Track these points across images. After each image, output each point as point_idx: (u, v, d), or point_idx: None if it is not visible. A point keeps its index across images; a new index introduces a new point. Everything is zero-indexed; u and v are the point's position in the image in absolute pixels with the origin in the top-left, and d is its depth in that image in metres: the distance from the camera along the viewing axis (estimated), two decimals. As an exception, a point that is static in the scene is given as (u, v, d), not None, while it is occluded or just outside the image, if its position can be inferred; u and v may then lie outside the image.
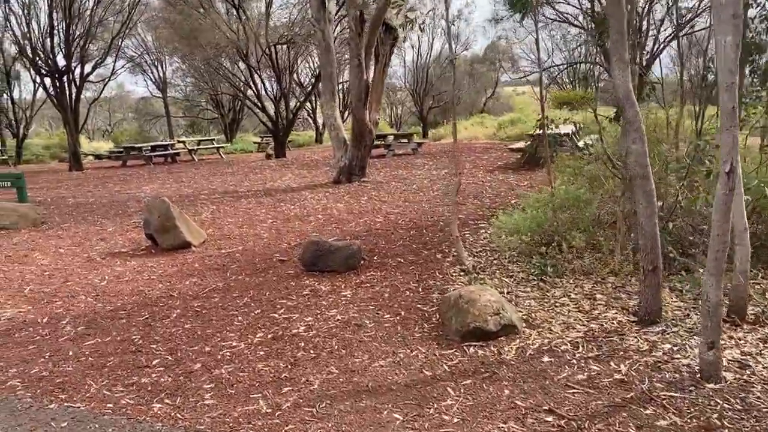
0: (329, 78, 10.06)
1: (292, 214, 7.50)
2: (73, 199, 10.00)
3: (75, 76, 16.33)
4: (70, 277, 5.04)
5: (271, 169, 14.03)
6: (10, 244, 6.41)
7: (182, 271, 5.08)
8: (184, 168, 16.10)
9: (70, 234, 6.88)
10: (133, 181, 12.75)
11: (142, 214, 8.04)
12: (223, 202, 8.87)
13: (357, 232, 6.27)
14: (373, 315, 3.78)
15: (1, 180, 9.11)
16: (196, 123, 33.60)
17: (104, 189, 11.37)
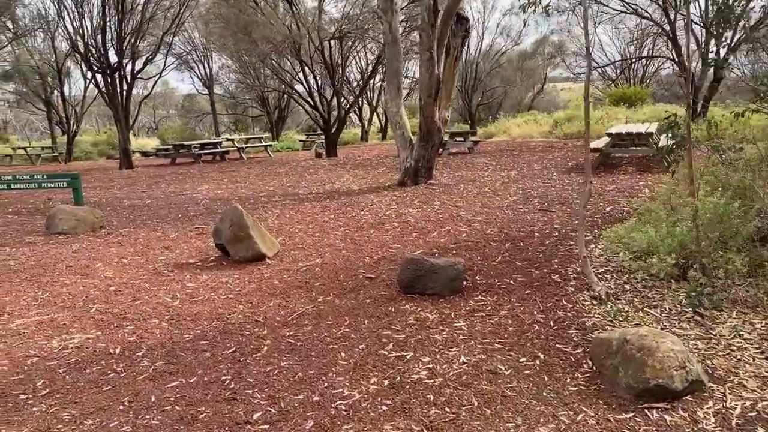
0: (395, 73, 9.43)
1: (364, 221, 6.90)
2: (129, 200, 9.63)
3: (126, 72, 16.13)
4: (139, 294, 4.53)
5: (325, 170, 13.49)
6: (69, 252, 5.99)
7: (262, 290, 4.52)
8: (235, 167, 15.73)
9: (131, 241, 6.43)
10: (186, 180, 12.39)
11: (203, 218, 7.58)
12: (285, 205, 8.34)
13: (443, 244, 5.63)
14: (505, 357, 3.13)
15: (58, 180, 8.77)
16: (240, 121, 33.49)
17: (158, 189, 11.01)
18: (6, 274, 5.20)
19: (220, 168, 15.42)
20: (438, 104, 8.89)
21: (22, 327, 3.92)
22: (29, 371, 3.26)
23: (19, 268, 5.40)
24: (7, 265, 5.48)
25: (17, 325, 3.95)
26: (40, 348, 3.57)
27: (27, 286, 4.85)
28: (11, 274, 5.20)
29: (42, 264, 5.51)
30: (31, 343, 3.64)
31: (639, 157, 11.11)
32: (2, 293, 4.67)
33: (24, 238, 6.71)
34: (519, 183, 9.26)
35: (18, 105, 28.72)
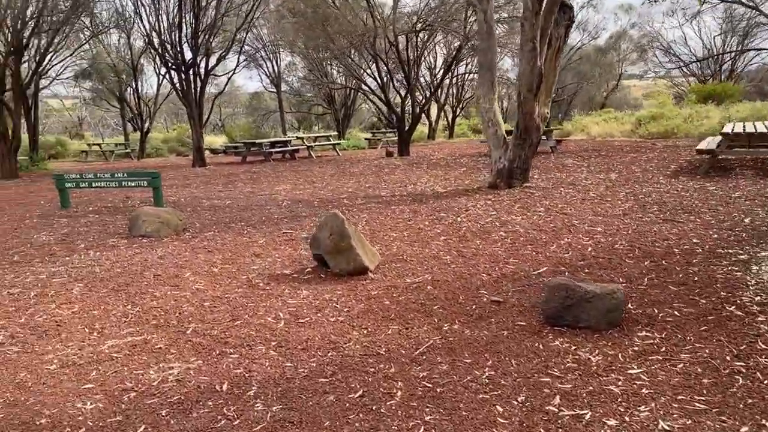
0: (489, 66, 8.71)
1: (465, 229, 6.24)
2: (207, 200, 9.33)
3: (199, 69, 16.06)
4: (237, 312, 4.04)
5: (401, 170, 12.91)
6: (155, 257, 5.61)
7: (374, 311, 3.94)
8: (306, 165, 15.38)
9: (218, 246, 6.01)
10: (261, 180, 12.07)
11: (288, 221, 7.12)
12: (371, 209, 7.79)
13: (567, 260, 4.91)
14: (718, 425, 2.41)
15: (138, 178, 8.54)
16: (304, 119, 33.45)
17: (235, 189, 10.70)
18: (92, 282, 4.84)
19: (292, 167, 15.10)
20: (538, 100, 8.12)
21: (114, 350, 3.48)
22: (127, 411, 2.78)
23: (105, 275, 5.04)
24: (92, 272, 5.14)
25: (109, 348, 3.52)
26: (137, 379, 3.10)
27: (115, 297, 4.45)
28: (97, 282, 4.84)
29: (128, 271, 5.13)
30: (126, 372, 3.18)
31: (753, 159, 10.01)
32: (90, 305, 4.28)
33: (107, 241, 6.42)
34: (625, 187, 8.39)
35: (93, 102, 29.62)
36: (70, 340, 3.65)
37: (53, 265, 5.44)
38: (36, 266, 5.44)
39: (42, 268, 5.36)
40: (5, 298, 4.49)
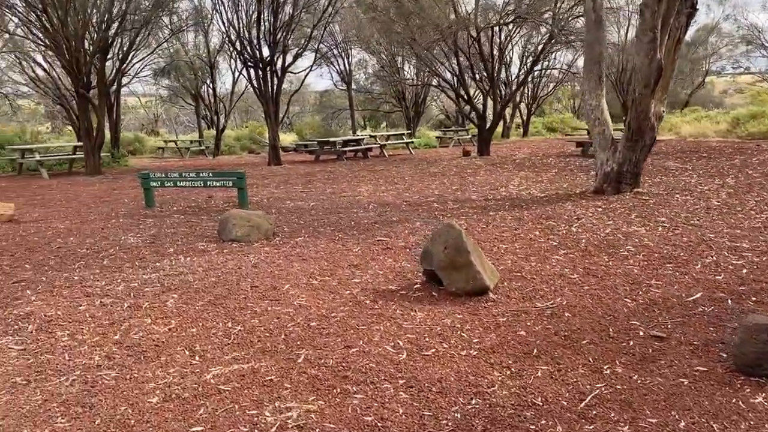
0: (597, 59, 7.94)
1: (584, 241, 5.56)
2: (291, 201, 8.99)
3: (276, 67, 15.89)
4: (349, 337, 3.56)
5: (485, 170, 12.25)
6: (249, 265, 5.24)
7: (509, 344, 3.37)
8: (382, 165, 14.94)
9: (312, 254, 5.58)
10: (340, 180, 11.69)
11: (379, 227, 6.63)
12: (467, 214, 7.20)
13: (722, 283, 4.18)
14: None
15: (224, 178, 8.28)
16: (373, 117, 33.14)
17: (315, 189, 10.35)
18: (187, 294, 4.49)
19: (367, 166, 14.69)
20: (654, 96, 7.30)
21: (220, 381, 3.07)
22: (247, 467, 2.33)
23: (200, 285, 4.69)
24: (185, 281, 4.80)
25: (215, 378, 3.10)
26: (252, 422, 2.65)
27: (213, 313, 4.07)
28: (192, 294, 4.49)
29: (223, 281, 4.77)
30: (238, 413, 2.74)
31: None
32: (188, 321, 3.92)
33: (196, 245, 6.12)
34: (752, 195, 7.46)
35: (169, 100, 30.34)
36: (170, 365, 3.27)
37: (144, 272, 5.15)
38: (126, 272, 5.17)
39: (133, 274, 5.08)
40: (98, 310, 4.19)
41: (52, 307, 4.27)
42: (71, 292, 4.62)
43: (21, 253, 5.96)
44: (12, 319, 4.03)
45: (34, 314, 4.11)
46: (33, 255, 5.88)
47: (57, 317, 4.05)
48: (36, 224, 7.62)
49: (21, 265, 5.51)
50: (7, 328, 3.89)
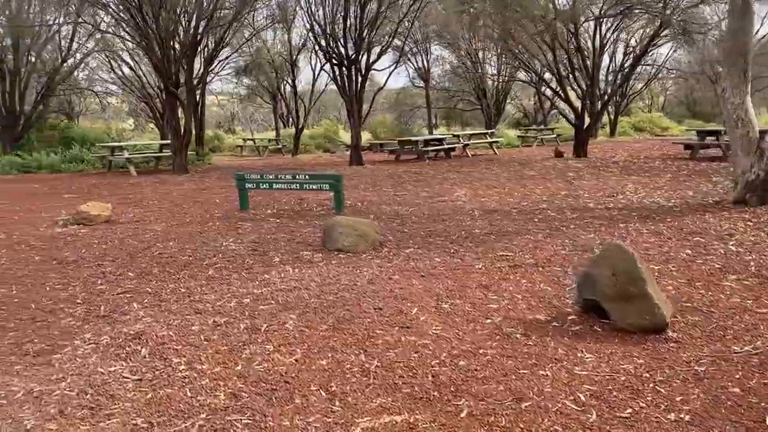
0: (741, 51, 6.97)
1: (753, 263, 4.73)
2: (386, 205, 8.47)
3: (360, 64, 15.47)
4: (509, 382, 2.96)
5: (588, 173, 11.35)
6: (363, 281, 4.72)
7: (725, 405, 2.66)
8: (469, 165, 14.26)
9: (429, 269, 5.01)
10: (429, 182, 11.11)
11: (495, 239, 5.99)
12: (594, 226, 6.44)
13: None
14: None
15: (320, 181, 7.87)
16: (449, 115, 32.36)
17: (408, 192, 9.81)
18: (306, 314, 4.02)
19: (453, 167, 14.03)
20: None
21: (373, 438, 2.53)
22: None
23: (317, 303, 4.20)
24: (300, 298, 4.34)
25: (366, 433, 2.57)
26: (430, 506, 2.10)
27: (340, 340, 3.57)
28: (312, 314, 4.01)
29: (341, 300, 4.27)
30: (409, 490, 2.19)
31: None
32: (315, 350, 3.42)
33: (301, 254, 5.68)
34: None
35: (248, 99, 30.69)
36: (308, 411, 2.76)
37: (253, 284, 4.74)
38: (234, 284, 4.77)
39: (242, 287, 4.67)
40: (213, 331, 3.78)
41: (162, 325, 3.89)
42: (180, 308, 4.24)
43: (122, 259, 5.71)
44: (123, 340, 3.67)
45: (145, 334, 3.73)
46: (134, 261, 5.61)
47: (170, 339, 3.66)
48: (133, 226, 7.44)
49: (124, 272, 5.23)
50: (119, 350, 3.52)
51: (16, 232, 7.22)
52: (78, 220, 7.44)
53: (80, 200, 10.07)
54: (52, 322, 4.05)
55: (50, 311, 4.28)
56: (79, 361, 3.40)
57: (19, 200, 10.23)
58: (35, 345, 3.66)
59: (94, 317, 4.13)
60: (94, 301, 4.46)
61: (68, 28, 17.37)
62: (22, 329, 3.94)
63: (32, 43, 16.88)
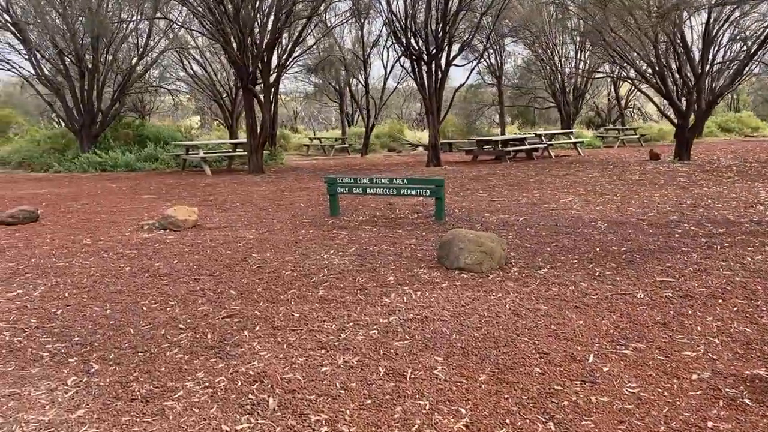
0: None
1: None
2: (490, 214, 7.67)
3: (440, 60, 14.68)
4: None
5: (703, 179, 10.20)
6: (507, 312, 3.96)
7: None
8: (559, 167, 13.26)
9: (579, 296, 4.20)
10: (524, 186, 10.23)
11: (641, 258, 5.10)
12: (752, 245, 5.45)
13: None
14: None
15: (420, 186, 7.16)
16: (521, 113, 31.16)
17: (505, 198, 8.97)
18: (453, 356, 3.29)
19: (542, 169, 13.07)
20: None
21: None
22: None
23: (463, 342, 3.47)
24: (440, 334, 3.62)
25: None
26: None
27: (511, 397, 2.82)
28: (461, 357, 3.28)
29: (492, 338, 3.52)
30: None
31: None
32: (485, 415, 2.69)
33: (417, 273, 4.97)
34: None
35: (314, 97, 30.38)
36: None
37: (374, 309, 4.06)
38: (353, 309, 4.10)
39: (364, 314, 4.00)
40: (348, 376, 3.10)
41: (285, 364, 3.25)
42: (299, 340, 3.60)
43: (220, 273, 5.16)
44: (243, 383, 3.05)
45: (267, 377, 3.10)
46: (234, 276, 5.04)
47: (299, 385, 3.01)
48: (221, 232, 6.94)
49: (225, 290, 4.66)
50: (241, 398, 2.90)
51: (102, 236, 6.83)
52: (164, 225, 7.00)
53: (160, 201, 9.76)
54: (156, 354, 3.49)
55: (151, 338, 3.73)
56: (197, 412, 2.79)
57: (100, 200, 10.00)
58: (142, 386, 3.08)
59: (203, 348, 3.54)
60: (199, 327, 3.89)
61: (144, 25, 17.35)
62: (124, 362, 3.39)
63: (110, 41, 16.93)
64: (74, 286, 4.88)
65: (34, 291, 4.77)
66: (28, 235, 7.07)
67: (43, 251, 6.16)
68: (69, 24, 16.24)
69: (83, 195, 10.82)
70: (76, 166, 16.17)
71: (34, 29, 16.29)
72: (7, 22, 16.28)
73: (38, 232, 7.19)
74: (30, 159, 18.04)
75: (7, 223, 7.65)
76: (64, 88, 17.29)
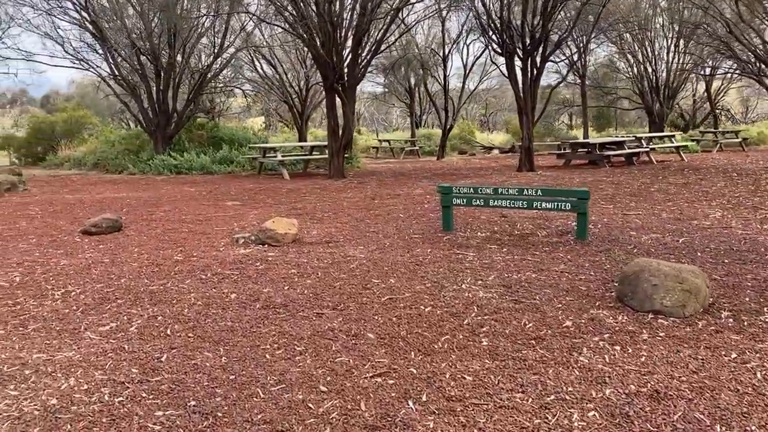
0: None
1: None
2: (635, 232, 6.48)
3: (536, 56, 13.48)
4: None
5: None
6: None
7: None
8: (674, 175, 11.82)
9: None
10: (648, 196, 8.95)
11: None
12: None
13: None
14: None
15: (558, 199, 6.07)
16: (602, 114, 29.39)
17: (642, 211, 7.74)
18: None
19: (653, 176, 11.68)
20: None
21: None
22: None
23: (738, 440, 2.40)
24: (698, 423, 2.55)
25: None
26: None
27: None
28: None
29: (778, 436, 2.43)
30: None
31: None
32: None
33: (594, 314, 3.90)
34: None
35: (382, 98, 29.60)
36: None
37: (571, 373, 3.03)
38: (540, 372, 3.09)
39: (559, 380, 2.98)
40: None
41: (493, 469, 2.26)
42: (493, 423, 2.61)
43: (344, 305, 4.23)
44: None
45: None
46: (363, 311, 4.11)
47: None
48: (325, 249, 6.05)
49: (360, 331, 3.73)
50: None
51: (194, 251, 6.07)
52: (262, 240, 6.18)
53: (246, 208, 9.03)
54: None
55: (288, 407, 2.82)
56: None
57: (182, 207, 9.37)
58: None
59: (362, 429, 2.61)
60: (346, 391, 2.95)
61: (220, 23, 16.88)
62: (262, 449, 2.49)
63: (186, 38, 16.54)
64: (175, 318, 4.06)
65: (129, 325, 3.97)
66: (112, 247, 6.40)
67: (132, 269, 5.43)
68: (146, 22, 15.94)
69: (163, 200, 10.24)
70: (151, 168, 15.84)
71: (112, 27, 16.06)
72: (85, 20, 16.13)
73: (123, 245, 6.52)
74: (105, 160, 17.91)
75: (90, 233, 7.04)
76: (139, 88, 17.05)
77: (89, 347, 3.60)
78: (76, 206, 9.72)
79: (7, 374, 3.23)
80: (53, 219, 8.41)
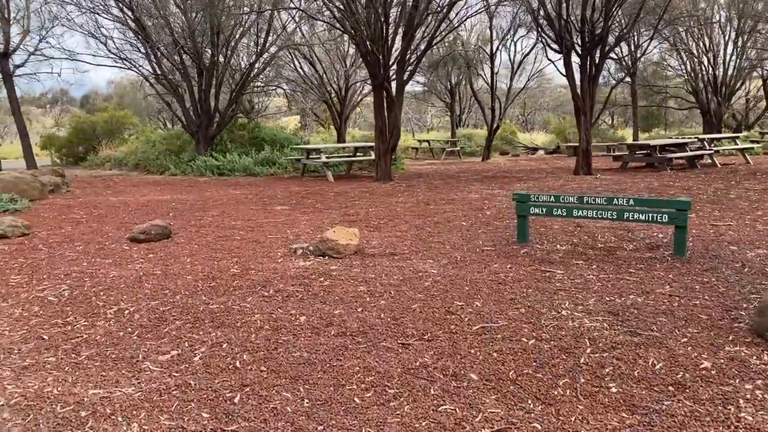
0: None
1: None
2: (736, 246, 5.80)
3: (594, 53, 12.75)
4: None
5: None
6: None
7: None
8: (747, 180, 11.00)
9: None
10: (734, 204, 8.21)
11: None
12: None
13: None
14: None
15: (653, 210, 5.44)
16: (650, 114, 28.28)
17: (728, 220, 7.04)
18: None
19: (723, 180, 10.88)
20: None
21: None
22: None
23: None
24: None
25: None
26: None
27: None
28: None
29: None
30: None
31: None
32: None
33: (729, 351, 3.30)
34: None
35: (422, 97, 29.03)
36: None
37: (741, 440, 2.45)
38: (697, 433, 2.52)
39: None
40: None
41: None
42: None
43: (432, 334, 3.71)
44: None
45: None
46: (455, 343, 3.57)
47: None
48: (392, 262, 5.54)
49: (459, 371, 3.19)
50: None
51: (250, 263, 5.63)
52: (323, 251, 5.71)
53: (296, 213, 8.60)
54: None
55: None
56: None
57: (230, 211, 8.99)
58: None
59: None
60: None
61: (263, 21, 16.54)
62: None
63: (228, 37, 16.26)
64: (242, 347, 3.60)
65: (192, 353, 3.53)
66: (163, 257, 6.01)
67: (187, 283, 5.01)
68: (189, 19, 15.70)
69: (210, 204, 9.89)
70: (193, 170, 15.60)
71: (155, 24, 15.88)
72: (128, 17, 15.97)
73: (174, 254, 6.13)
74: (146, 161, 17.78)
75: (138, 240, 6.68)
76: (181, 88, 16.84)
77: (150, 382, 3.16)
78: (120, 209, 9.44)
79: (61, 416, 2.81)
80: (99, 224, 8.11)
